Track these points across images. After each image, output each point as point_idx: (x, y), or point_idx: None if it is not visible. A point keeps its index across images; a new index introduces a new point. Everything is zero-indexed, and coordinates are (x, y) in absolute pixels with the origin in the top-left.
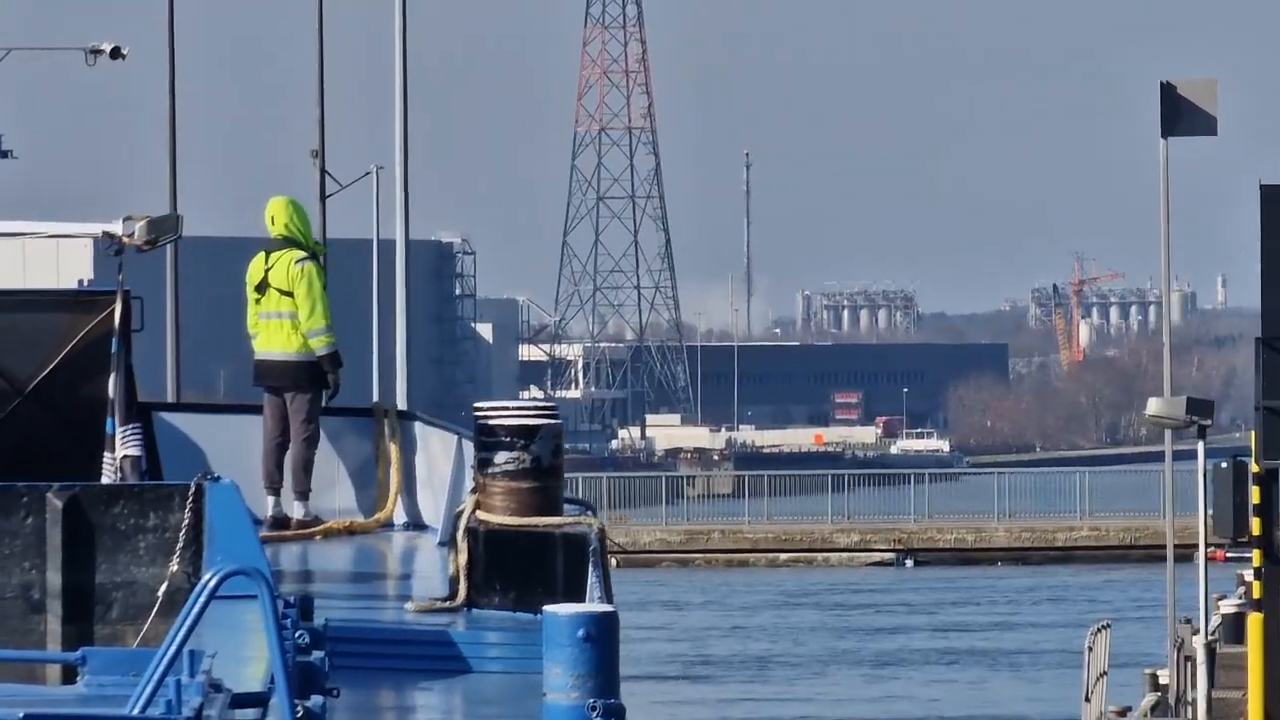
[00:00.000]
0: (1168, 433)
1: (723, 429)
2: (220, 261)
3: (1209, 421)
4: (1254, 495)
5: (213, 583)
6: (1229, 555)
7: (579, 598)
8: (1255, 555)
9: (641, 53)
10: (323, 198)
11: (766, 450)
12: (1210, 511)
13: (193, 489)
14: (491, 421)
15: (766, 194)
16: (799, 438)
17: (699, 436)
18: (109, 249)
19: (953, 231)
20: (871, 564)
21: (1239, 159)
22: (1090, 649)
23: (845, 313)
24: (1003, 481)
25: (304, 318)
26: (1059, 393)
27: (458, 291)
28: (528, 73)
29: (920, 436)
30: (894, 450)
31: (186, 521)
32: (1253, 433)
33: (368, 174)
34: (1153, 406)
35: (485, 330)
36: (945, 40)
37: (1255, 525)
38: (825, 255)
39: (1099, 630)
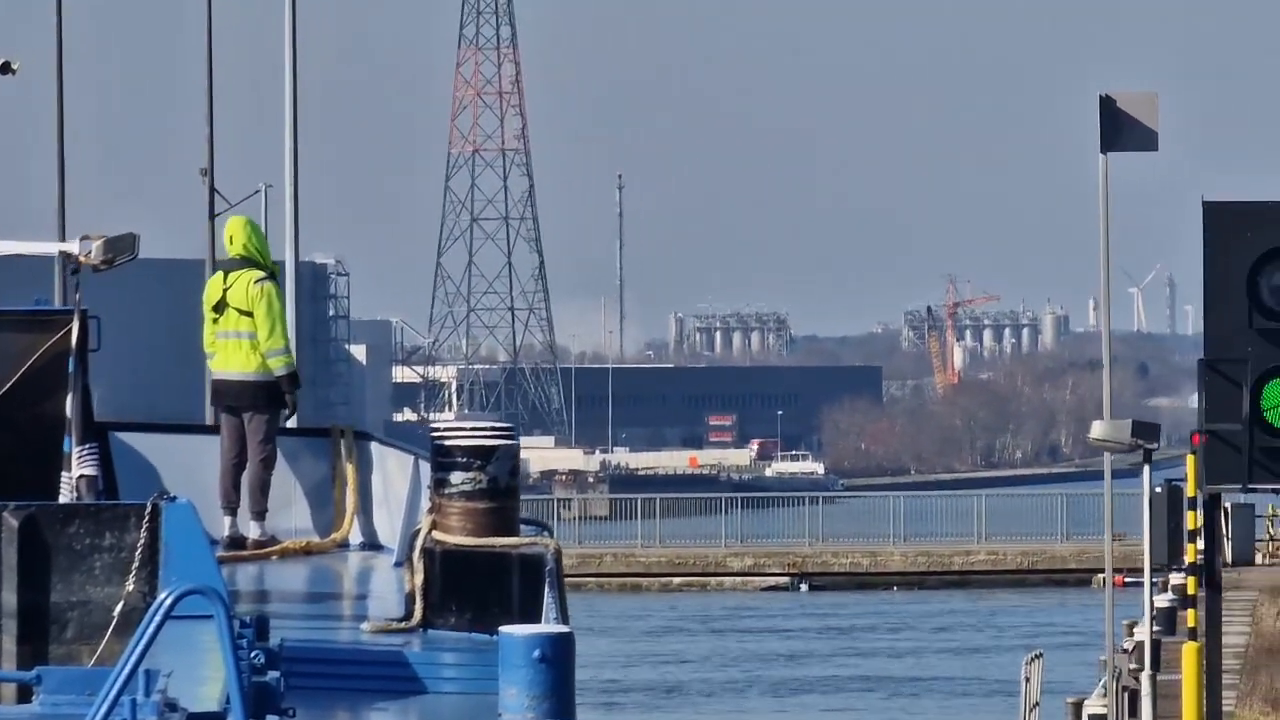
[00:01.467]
0: (1107, 456)
1: (597, 451)
2: (106, 281)
3: (1155, 445)
4: (1190, 521)
5: (168, 602)
6: (1127, 580)
7: (535, 619)
8: (1190, 583)
9: (515, 74)
10: (211, 216)
11: (641, 473)
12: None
13: (149, 508)
14: (448, 442)
15: (639, 216)
16: (673, 460)
17: (573, 459)
18: (66, 268)
19: (824, 254)
20: (766, 588)
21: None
22: (1027, 679)
23: (718, 335)
24: (896, 504)
25: (263, 338)
26: (933, 416)
27: (331, 313)
28: (402, 94)
29: (795, 459)
30: (769, 473)
31: (142, 541)
32: (1190, 457)
33: (257, 192)
34: (1097, 430)
35: (359, 352)
36: (817, 63)
37: (1190, 552)
38: (698, 277)
39: (1033, 660)
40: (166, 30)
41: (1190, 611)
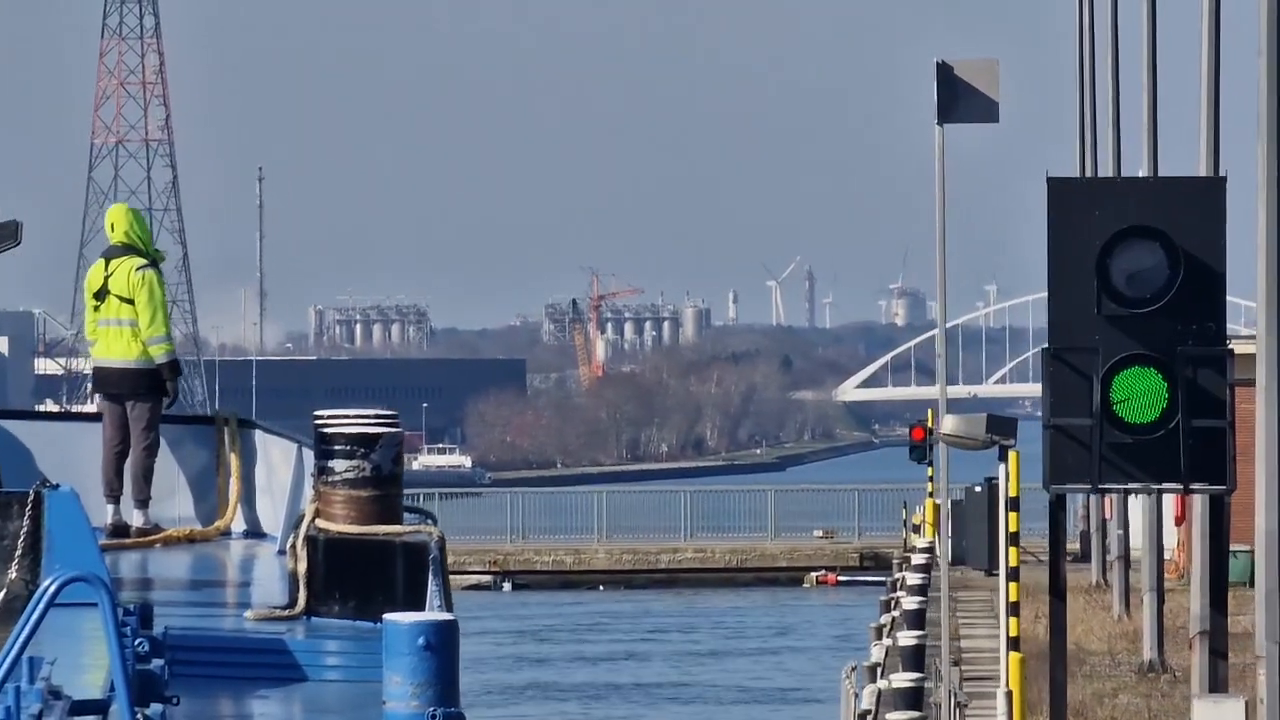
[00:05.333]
0: (944, 450)
1: None
2: None
3: (1012, 441)
4: (1012, 522)
5: (52, 589)
6: (841, 579)
7: (419, 606)
8: (1012, 589)
9: (159, 64)
10: None
11: None
12: (964, 541)
13: (31, 496)
14: (331, 430)
15: (281, 208)
16: None
17: None
18: None
19: (461, 246)
20: (467, 587)
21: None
22: (857, 695)
23: (358, 327)
24: (600, 501)
25: (144, 325)
26: (579, 408)
27: None
28: (44, 83)
29: (441, 452)
30: (415, 466)
31: (25, 529)
32: (1013, 454)
33: None
34: (949, 424)
35: (0, 343)
36: (463, 53)
37: (1013, 556)
38: (337, 269)
39: (853, 671)
40: None
41: (1013, 620)
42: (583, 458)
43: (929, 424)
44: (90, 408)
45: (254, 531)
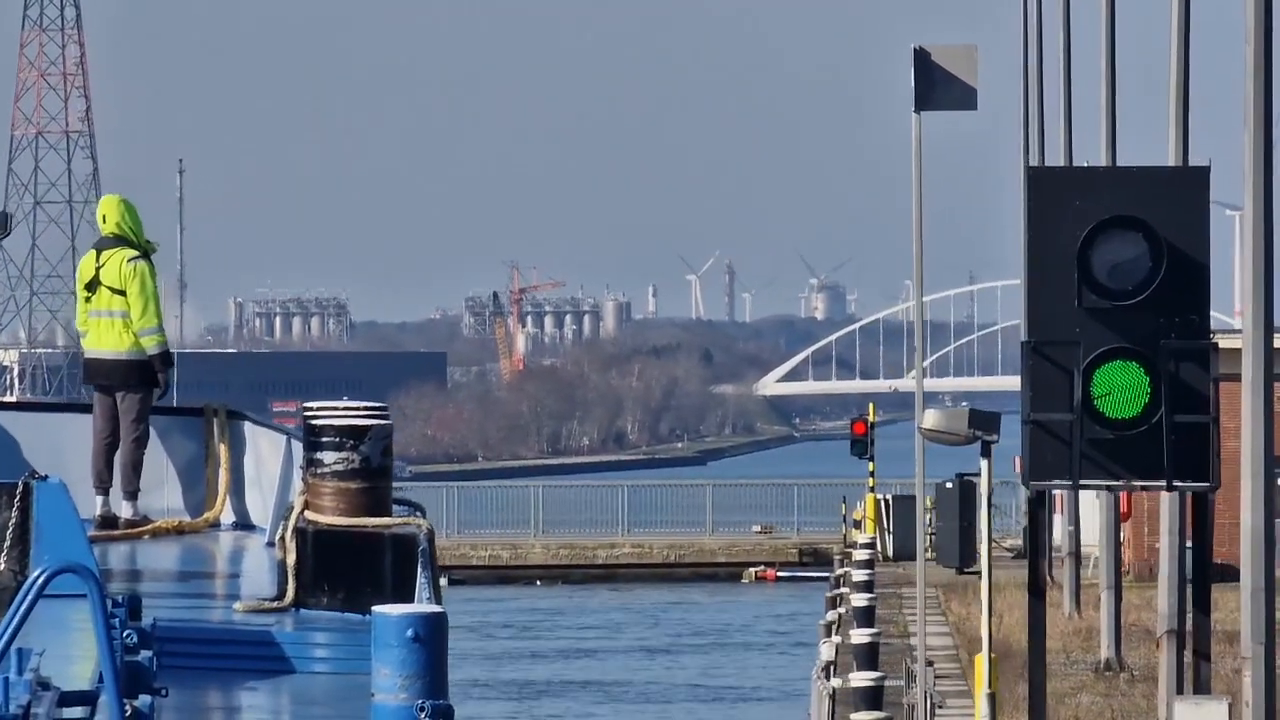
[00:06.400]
0: (921, 443)
1: None
2: None
3: (995, 437)
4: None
5: (41, 580)
6: (780, 575)
7: (408, 598)
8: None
9: (80, 56)
10: None
11: None
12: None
13: (20, 487)
14: (320, 422)
15: (200, 199)
16: None
17: None
18: None
19: (382, 239)
20: None
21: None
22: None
23: (278, 320)
24: (537, 494)
25: (136, 316)
26: (500, 402)
27: None
28: None
29: None
30: None
31: (14, 520)
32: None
33: None
34: (930, 419)
35: None
36: (389, 44)
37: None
38: (257, 261)
39: (824, 667)
40: None
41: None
42: (503, 451)
43: (870, 419)
44: (10, 399)
45: (243, 523)
